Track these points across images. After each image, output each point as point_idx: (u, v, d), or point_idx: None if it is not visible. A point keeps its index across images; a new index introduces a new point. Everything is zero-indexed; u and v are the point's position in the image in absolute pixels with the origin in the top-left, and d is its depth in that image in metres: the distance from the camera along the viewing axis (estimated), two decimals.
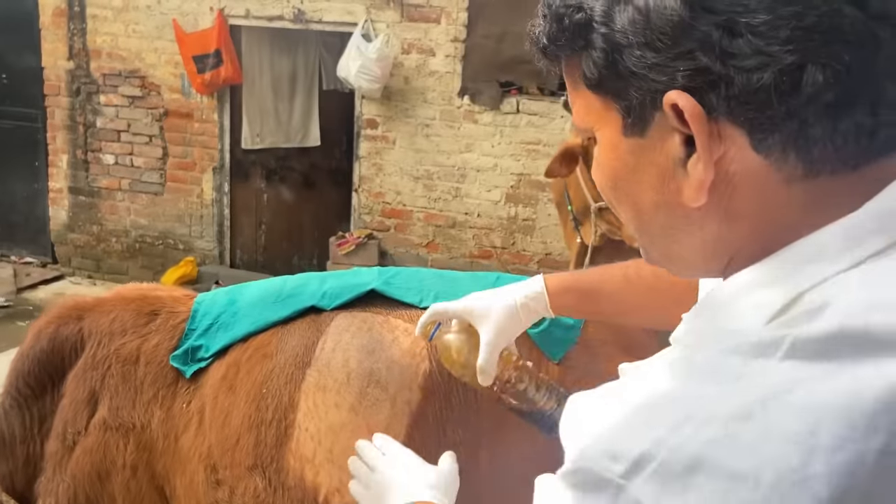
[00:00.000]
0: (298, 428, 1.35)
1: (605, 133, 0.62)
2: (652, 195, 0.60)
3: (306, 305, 1.47)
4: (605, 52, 0.58)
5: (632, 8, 0.55)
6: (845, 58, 0.50)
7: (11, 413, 1.60)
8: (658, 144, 0.58)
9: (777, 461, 0.42)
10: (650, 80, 0.56)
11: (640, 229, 0.66)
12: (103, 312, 1.59)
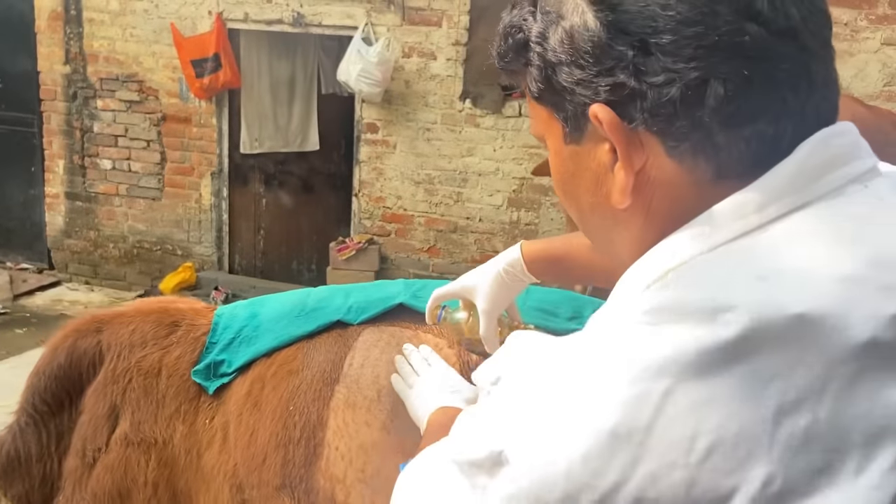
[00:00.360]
0: (328, 447, 1.31)
1: (551, 141, 0.70)
2: (588, 197, 0.68)
3: (332, 320, 1.44)
4: (541, 68, 0.65)
5: (560, 29, 0.62)
6: (745, 72, 0.56)
7: (27, 431, 1.56)
8: (591, 152, 0.65)
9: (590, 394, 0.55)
10: (578, 95, 0.63)
11: (583, 228, 0.74)
12: (122, 324, 1.55)
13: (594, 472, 0.53)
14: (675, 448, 0.51)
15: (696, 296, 0.55)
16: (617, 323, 0.58)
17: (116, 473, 1.45)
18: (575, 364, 0.58)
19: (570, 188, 0.70)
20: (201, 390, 1.46)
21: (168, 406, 1.46)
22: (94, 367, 1.53)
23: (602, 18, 0.60)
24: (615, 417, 0.53)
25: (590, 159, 0.65)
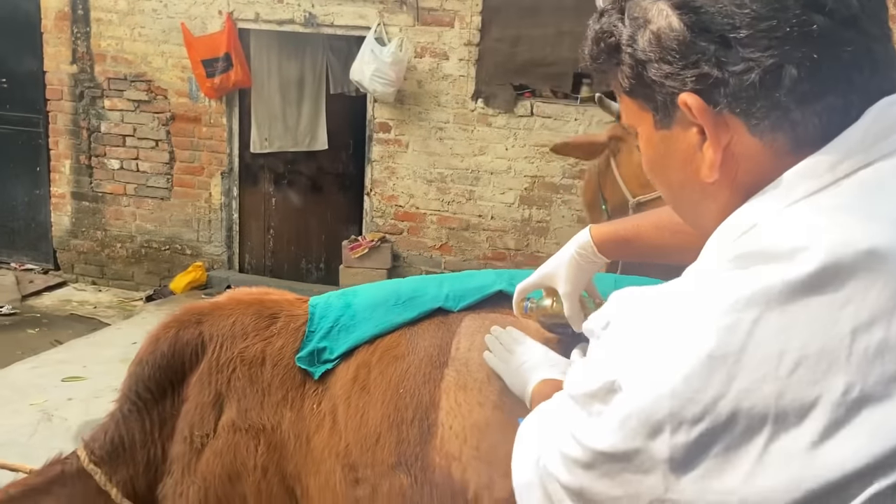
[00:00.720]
0: (442, 426, 1.38)
1: (642, 129, 0.80)
2: (679, 175, 0.77)
3: (432, 307, 1.50)
4: (632, 67, 0.74)
5: (648, 32, 0.72)
6: (814, 56, 0.65)
7: (130, 418, 1.60)
8: (680, 135, 0.74)
9: (690, 326, 0.65)
10: (667, 86, 0.72)
11: (673, 203, 0.84)
12: (222, 316, 1.60)
13: (696, 390, 0.62)
14: (765, 365, 0.61)
15: (777, 241, 0.65)
16: (710, 269, 0.69)
17: (226, 458, 1.50)
18: (676, 303, 0.68)
19: (660, 169, 0.80)
20: (306, 377, 1.52)
21: (274, 394, 1.52)
22: (196, 357, 1.58)
23: (686, 20, 0.69)
24: (712, 343, 0.62)
25: (679, 142, 0.74)
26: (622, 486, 0.68)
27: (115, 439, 1.60)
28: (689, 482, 0.63)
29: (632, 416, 0.66)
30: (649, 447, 0.65)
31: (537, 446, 0.84)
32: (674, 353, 0.65)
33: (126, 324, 5.53)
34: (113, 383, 4.27)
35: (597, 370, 0.72)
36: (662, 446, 0.64)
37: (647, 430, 0.65)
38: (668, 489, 0.65)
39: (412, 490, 1.36)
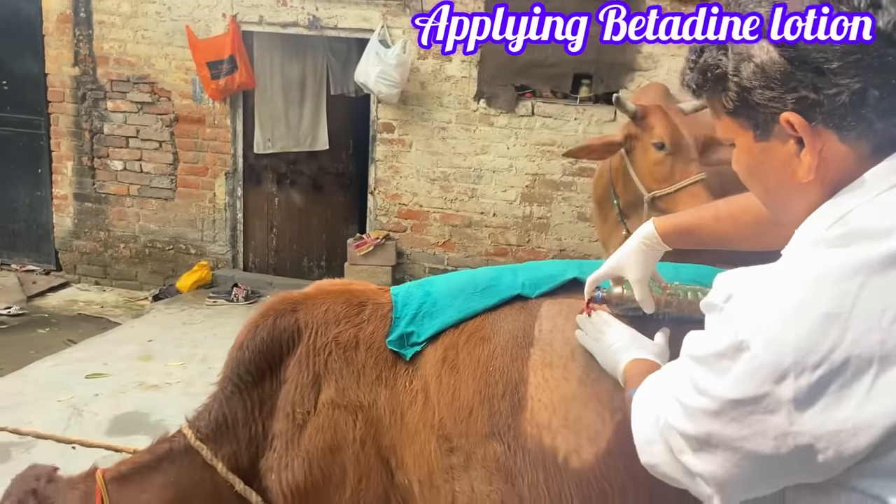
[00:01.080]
0: (531, 399, 1.54)
1: (741, 141, 0.98)
2: (776, 178, 0.96)
3: (511, 294, 1.67)
4: (738, 92, 0.92)
5: (752, 64, 0.90)
6: (892, 81, 0.85)
7: (233, 398, 1.75)
8: (779, 145, 0.93)
9: (805, 293, 0.83)
10: (770, 108, 0.90)
11: (768, 202, 1.03)
12: (316, 305, 1.75)
13: (815, 342, 0.80)
14: (870, 319, 0.79)
15: (871, 224, 0.84)
16: (810, 249, 0.88)
17: (327, 433, 1.65)
18: (790, 275, 0.87)
19: (759, 173, 0.99)
20: (397, 358, 1.67)
21: (369, 374, 1.67)
22: (292, 342, 1.72)
23: (785, 54, 0.87)
24: (826, 305, 0.81)
25: (777, 151, 0.93)
26: (750, 426, 0.86)
27: (220, 418, 1.74)
28: (810, 416, 0.82)
29: (761, 367, 0.84)
30: (776, 391, 0.83)
31: (654, 408, 1.01)
32: (795, 315, 0.83)
33: (138, 322, 5.62)
34: (135, 379, 4.41)
35: (723, 334, 0.89)
36: (787, 389, 0.82)
37: (775, 377, 0.83)
38: (792, 423, 0.83)
39: (505, 456, 1.53)
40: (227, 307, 5.97)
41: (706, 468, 0.92)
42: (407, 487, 1.66)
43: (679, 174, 3.31)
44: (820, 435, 0.81)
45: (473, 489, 1.56)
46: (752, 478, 0.90)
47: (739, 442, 0.87)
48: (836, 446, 0.81)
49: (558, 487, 1.51)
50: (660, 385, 1.04)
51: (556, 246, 5.82)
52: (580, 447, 1.50)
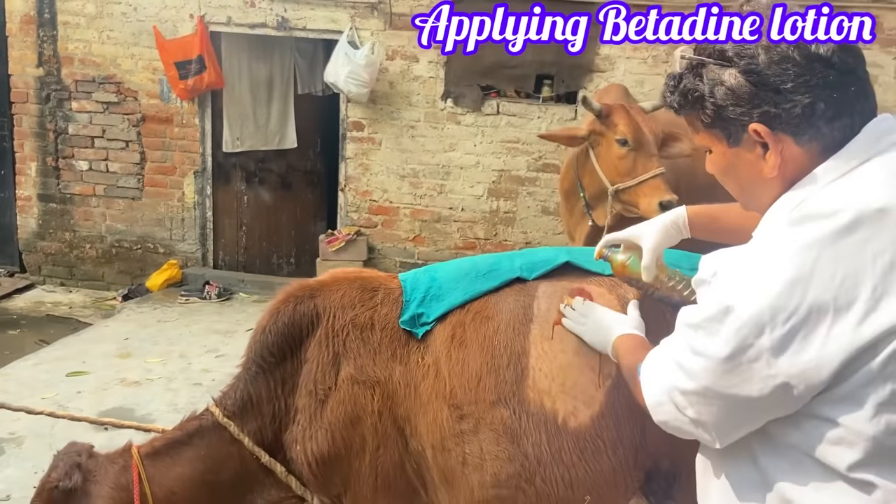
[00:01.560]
0: (533, 369, 1.74)
1: (717, 149, 1.20)
2: (747, 175, 1.18)
3: (511, 277, 1.86)
4: (713, 109, 1.15)
5: (724, 87, 1.13)
6: (834, 95, 1.08)
7: (258, 378, 1.90)
8: (748, 148, 1.15)
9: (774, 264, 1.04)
10: (740, 120, 1.13)
11: (741, 196, 1.24)
12: (332, 290, 1.91)
13: (784, 302, 1.02)
14: (824, 281, 1.01)
15: (821, 208, 1.06)
16: (776, 230, 1.09)
17: (348, 406, 1.82)
18: (761, 252, 1.08)
19: (733, 173, 1.21)
20: (410, 337, 1.85)
21: (385, 352, 1.85)
22: (312, 325, 1.89)
23: (752, 80, 1.10)
24: (791, 272, 1.02)
25: (747, 154, 1.15)
26: (739, 375, 1.07)
27: (245, 396, 1.90)
28: (784, 360, 1.03)
29: (744, 325, 1.05)
30: (757, 343, 1.04)
31: (660, 375, 1.22)
32: (768, 281, 1.04)
33: (112, 321, 5.66)
34: (116, 376, 4.49)
35: (712, 302, 1.11)
36: (765, 341, 1.04)
37: (756, 332, 1.04)
38: (771, 367, 1.04)
39: (511, 420, 1.73)
40: (200, 304, 6.04)
41: (706, 417, 1.13)
42: (420, 453, 1.84)
43: (641, 168, 3.55)
44: (793, 374, 1.03)
45: (482, 450, 1.76)
46: (742, 419, 1.11)
47: (732, 389, 1.08)
48: (805, 381, 1.03)
49: (558, 445, 1.71)
50: (661, 355, 1.25)
51: (521, 239, 6.05)
52: (577, 409, 1.71)
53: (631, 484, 1.75)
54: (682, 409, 1.15)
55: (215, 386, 4.45)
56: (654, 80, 5.60)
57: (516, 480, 1.73)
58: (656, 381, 1.23)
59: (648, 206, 3.47)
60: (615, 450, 1.71)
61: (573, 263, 1.86)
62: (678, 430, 1.20)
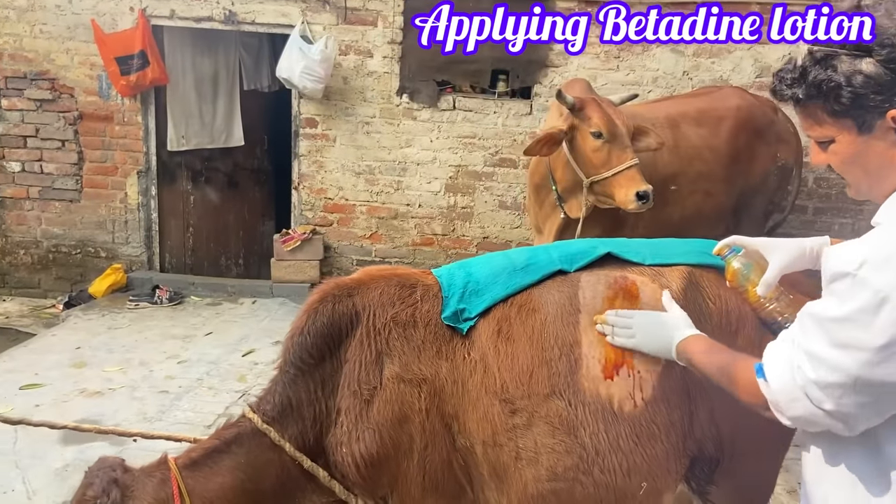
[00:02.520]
0: (585, 358, 1.74)
1: (844, 138, 1.24)
2: (877, 162, 1.24)
3: (552, 270, 1.86)
4: (851, 98, 1.20)
5: (862, 76, 1.18)
6: None
7: (297, 381, 1.83)
8: (880, 136, 1.22)
9: None
10: (880, 107, 1.19)
11: (865, 182, 1.28)
12: (370, 288, 1.86)
13: None
14: None
15: None
16: None
17: (395, 405, 1.79)
18: None
19: (861, 161, 1.25)
20: (454, 333, 1.83)
21: (429, 349, 1.82)
22: (351, 325, 1.84)
23: (889, 67, 1.17)
24: None
25: (878, 141, 1.22)
26: (894, 362, 1.10)
27: (284, 401, 1.84)
28: None
29: None
30: None
31: (789, 372, 1.23)
32: None
33: (59, 330, 5.37)
34: (74, 387, 4.29)
35: (861, 294, 1.12)
36: None
37: None
38: None
39: (567, 411, 1.74)
40: (152, 310, 5.80)
41: (849, 408, 1.16)
42: (468, 449, 1.83)
43: (615, 160, 3.63)
44: None
45: (537, 444, 1.76)
46: (888, 404, 1.15)
47: (886, 377, 1.12)
48: None
49: (615, 433, 1.73)
50: (787, 352, 1.26)
51: (479, 234, 6.07)
52: (631, 395, 1.73)
53: (681, 469, 1.79)
54: (818, 403, 1.18)
55: (183, 392, 4.32)
56: (607, 74, 5.72)
57: (574, 472, 1.74)
58: (787, 378, 1.23)
59: (625, 196, 3.55)
60: (668, 435, 1.74)
61: (613, 254, 1.88)
62: (810, 424, 1.23)
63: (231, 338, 5.20)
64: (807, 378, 1.19)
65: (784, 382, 1.24)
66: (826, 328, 1.17)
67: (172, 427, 3.73)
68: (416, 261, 6.11)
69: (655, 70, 5.70)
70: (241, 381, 4.48)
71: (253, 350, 4.96)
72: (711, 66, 5.68)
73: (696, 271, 1.86)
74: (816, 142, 1.31)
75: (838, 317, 1.15)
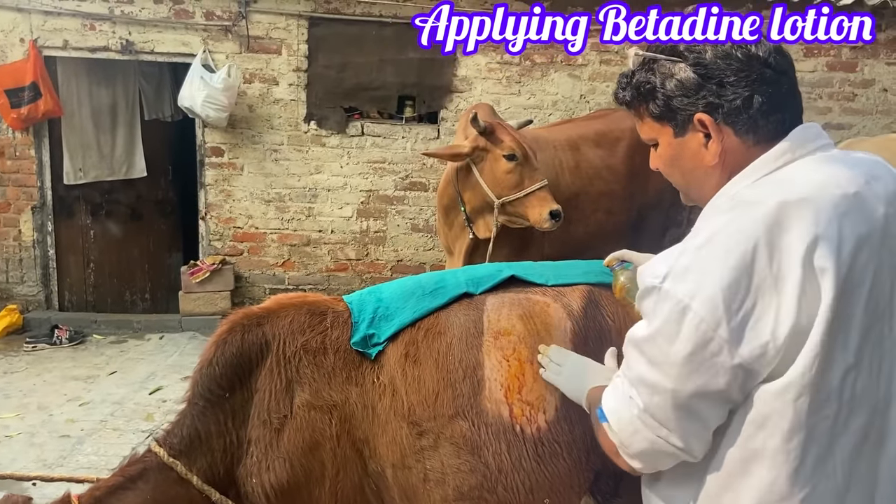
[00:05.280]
0: (488, 380, 1.78)
1: (663, 139, 1.28)
2: (690, 164, 1.27)
3: (458, 293, 1.91)
4: (664, 101, 1.25)
5: (674, 80, 1.23)
6: (770, 91, 1.19)
7: (206, 413, 1.80)
8: (691, 140, 1.25)
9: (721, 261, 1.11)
10: (687, 109, 1.22)
11: (684, 186, 1.32)
12: (280, 317, 1.86)
13: (734, 293, 1.08)
14: (763, 268, 1.08)
15: (752, 197, 1.15)
16: (717, 221, 1.16)
17: (306, 433, 1.79)
18: (705, 245, 1.13)
19: (677, 163, 1.29)
20: (363, 358, 1.85)
21: (339, 375, 1.83)
22: (261, 354, 1.83)
23: (698, 72, 1.21)
24: (736, 265, 1.09)
25: (691, 143, 1.25)
26: (706, 371, 1.11)
27: (192, 433, 1.81)
28: (744, 347, 1.09)
29: (703, 321, 1.10)
30: (717, 336, 1.09)
31: (624, 406, 1.21)
32: (717, 277, 1.10)
33: None
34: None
35: (666, 306, 1.13)
36: (723, 332, 1.09)
37: (714, 325, 1.09)
38: (733, 356, 1.09)
39: (471, 432, 1.78)
40: (50, 351, 5.54)
41: (681, 427, 1.15)
42: (379, 474, 1.85)
43: (527, 181, 3.75)
44: (754, 357, 1.09)
45: (444, 465, 1.79)
46: (709, 421, 1.15)
47: (702, 389, 1.12)
48: (764, 362, 1.09)
49: (518, 452, 1.78)
50: (617, 389, 1.26)
51: (393, 257, 6.11)
52: (533, 416, 1.79)
53: (584, 483, 1.86)
54: (654, 430, 1.17)
55: (85, 436, 4.14)
56: (509, 99, 5.90)
57: (479, 491, 1.77)
58: (623, 412, 1.22)
59: (539, 216, 3.67)
60: (570, 451, 1.79)
61: (518, 276, 1.95)
62: (657, 457, 1.21)
63: (137, 376, 5.02)
64: (639, 406, 1.18)
65: (621, 417, 1.22)
66: (641, 349, 1.18)
67: (75, 473, 3.56)
68: (330, 287, 6.08)
69: (555, 94, 5.92)
70: (148, 419, 4.34)
71: (161, 387, 4.80)
72: (607, 90, 5.94)
73: (595, 290, 1.94)
74: (649, 145, 1.35)
75: (649, 335, 1.15)
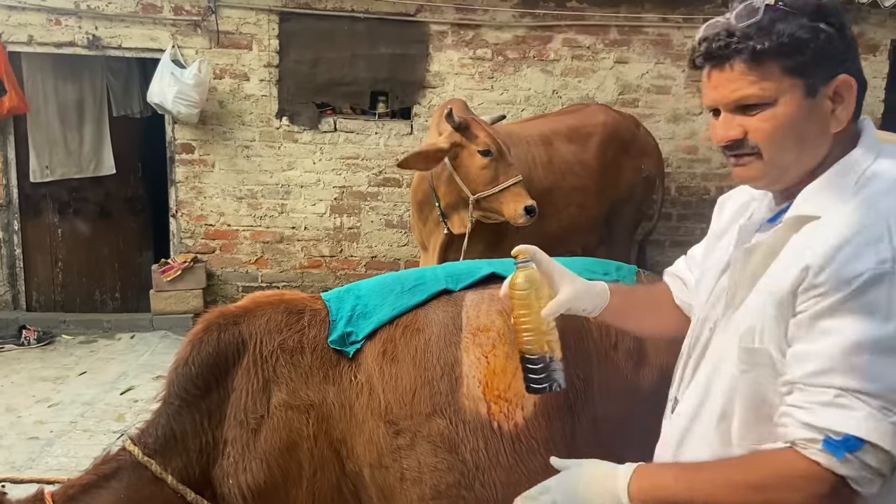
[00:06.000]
0: (466, 377, 1.79)
1: (788, 99, 1.18)
2: (814, 129, 1.20)
3: (438, 289, 1.91)
4: (813, 56, 1.17)
5: (825, 34, 1.17)
6: None
7: (181, 413, 1.78)
8: (821, 103, 1.19)
9: None
10: (834, 70, 1.18)
11: (797, 151, 1.21)
12: (256, 316, 1.84)
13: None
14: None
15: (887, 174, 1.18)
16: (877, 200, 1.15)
17: (283, 433, 1.78)
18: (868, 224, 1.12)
19: (799, 126, 1.19)
20: (341, 357, 1.84)
21: (316, 374, 1.82)
22: (238, 353, 1.82)
23: (844, 34, 1.19)
24: None
25: (820, 107, 1.18)
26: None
27: (168, 433, 1.79)
28: None
29: None
30: None
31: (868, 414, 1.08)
32: None
33: None
34: None
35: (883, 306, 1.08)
36: None
37: None
38: None
39: (448, 429, 1.78)
40: (18, 352, 5.44)
41: None
42: (357, 474, 1.84)
43: (502, 177, 3.77)
44: None
45: (421, 463, 1.79)
46: None
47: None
48: None
49: (495, 449, 1.78)
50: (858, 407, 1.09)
51: (367, 253, 6.09)
52: (511, 413, 1.79)
53: None
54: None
55: (55, 437, 4.07)
56: (482, 94, 5.90)
57: (456, 489, 1.77)
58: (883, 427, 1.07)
59: (514, 211, 3.69)
60: (548, 448, 1.80)
61: (497, 273, 1.96)
62: None
63: (108, 376, 4.96)
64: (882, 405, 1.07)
65: (885, 432, 1.08)
66: (891, 348, 1.07)
67: (45, 475, 3.51)
68: (304, 284, 6.05)
69: (527, 89, 5.94)
70: (119, 420, 4.28)
71: (132, 387, 4.75)
72: (578, 85, 5.97)
73: None
74: (743, 107, 1.22)
75: (876, 338, 1.07)
